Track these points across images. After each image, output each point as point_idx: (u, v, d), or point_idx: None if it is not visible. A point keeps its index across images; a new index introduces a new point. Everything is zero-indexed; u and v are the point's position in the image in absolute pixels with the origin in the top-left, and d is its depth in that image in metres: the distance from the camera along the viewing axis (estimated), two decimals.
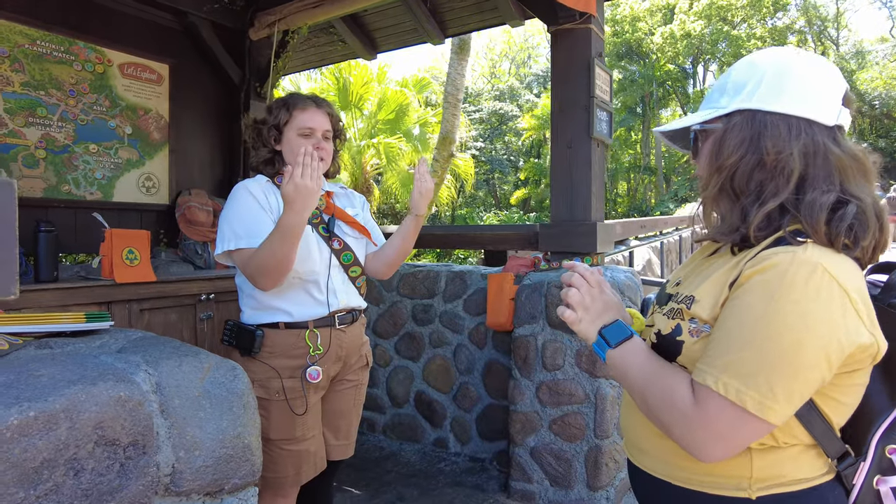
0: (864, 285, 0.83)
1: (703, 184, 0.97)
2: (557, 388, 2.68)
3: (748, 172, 0.89)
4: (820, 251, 0.81)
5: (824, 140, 0.87)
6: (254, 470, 1.11)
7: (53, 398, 0.83)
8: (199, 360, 1.10)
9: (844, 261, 0.82)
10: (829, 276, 0.78)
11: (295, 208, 1.45)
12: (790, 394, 0.78)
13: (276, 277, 1.58)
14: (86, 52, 3.19)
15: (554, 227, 2.99)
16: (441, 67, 28.36)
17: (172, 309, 2.92)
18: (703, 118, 0.95)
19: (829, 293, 0.77)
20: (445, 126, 10.11)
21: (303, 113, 1.76)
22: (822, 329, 0.77)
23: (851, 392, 0.86)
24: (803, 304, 0.77)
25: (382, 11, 4.23)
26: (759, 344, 0.78)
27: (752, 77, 0.91)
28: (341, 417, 1.86)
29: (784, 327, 0.77)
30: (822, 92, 0.88)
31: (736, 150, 0.90)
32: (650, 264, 7.65)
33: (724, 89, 0.95)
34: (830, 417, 0.86)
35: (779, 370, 0.77)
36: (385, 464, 3.21)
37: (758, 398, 0.78)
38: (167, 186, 3.58)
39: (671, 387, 0.86)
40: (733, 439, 0.81)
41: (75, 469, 0.84)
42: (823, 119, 0.87)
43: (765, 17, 26.13)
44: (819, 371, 0.78)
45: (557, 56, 2.99)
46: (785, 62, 0.90)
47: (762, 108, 0.88)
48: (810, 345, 0.76)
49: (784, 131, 0.87)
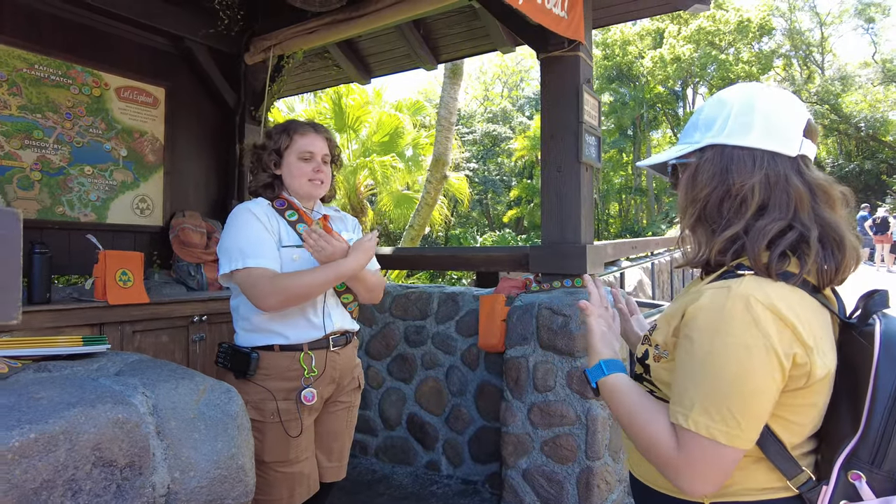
0: (803, 309, 0.87)
1: (681, 214, 1.03)
2: (549, 410, 2.69)
3: (717, 203, 0.96)
4: (754, 283, 0.87)
5: (786, 171, 0.93)
6: (247, 491, 1.13)
7: (53, 420, 0.85)
8: (195, 383, 1.12)
9: (779, 288, 0.87)
10: (762, 307, 0.84)
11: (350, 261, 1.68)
12: (750, 419, 0.84)
13: (294, 304, 1.65)
14: (83, 75, 3.24)
15: (544, 249, 3.03)
16: (435, 90, 28.68)
17: (165, 331, 2.92)
18: (679, 153, 1.03)
19: (764, 321, 0.84)
20: (438, 148, 10.20)
21: (303, 138, 1.80)
22: (762, 354, 0.83)
23: (801, 412, 0.90)
24: (742, 336, 0.84)
25: (377, 37, 4.32)
26: (712, 379, 0.86)
27: (721, 113, 0.98)
28: (334, 439, 1.87)
29: (730, 360, 0.84)
30: (785, 126, 0.94)
31: (708, 183, 0.97)
32: (641, 285, 7.69)
33: (696, 125, 1.02)
34: (781, 436, 0.90)
35: (735, 400, 0.84)
36: (377, 487, 3.20)
37: (725, 430, 0.84)
38: (161, 208, 3.60)
39: (655, 434, 0.92)
40: (717, 472, 0.87)
41: (73, 490, 0.85)
42: (786, 151, 0.94)
43: (751, 41, 26.69)
44: (770, 393, 0.85)
45: (547, 82, 3.06)
46: (750, 99, 0.96)
47: (730, 143, 0.96)
48: (756, 372, 0.83)
49: (749, 164, 0.94)
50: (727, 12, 26.04)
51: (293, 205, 1.81)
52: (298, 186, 1.80)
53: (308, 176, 1.79)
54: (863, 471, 0.85)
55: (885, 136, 23.94)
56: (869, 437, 0.84)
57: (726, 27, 25.84)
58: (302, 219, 1.78)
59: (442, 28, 4.21)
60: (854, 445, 0.85)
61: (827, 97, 24.88)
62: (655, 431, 0.92)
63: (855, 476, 0.85)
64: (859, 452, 0.85)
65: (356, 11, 3.28)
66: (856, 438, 0.86)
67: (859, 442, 0.85)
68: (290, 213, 1.78)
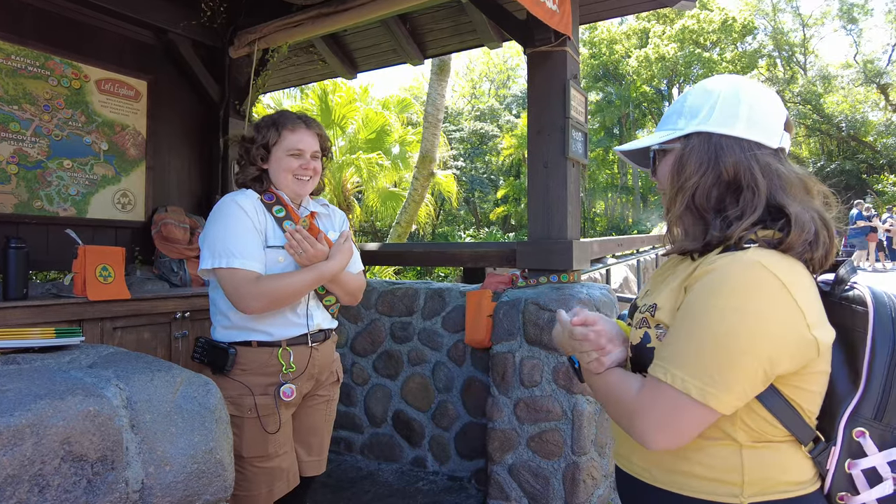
0: (808, 282, 0.89)
1: (666, 201, 1.02)
2: (535, 405, 2.69)
3: (707, 189, 0.97)
4: (761, 252, 0.88)
5: (772, 160, 0.95)
6: (225, 486, 1.10)
7: (19, 413, 0.82)
8: (172, 375, 1.09)
9: (787, 259, 0.89)
10: (767, 272, 0.85)
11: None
12: (730, 382, 0.84)
13: (276, 308, 1.64)
14: (62, 67, 3.17)
15: (531, 245, 3.02)
16: (422, 87, 28.62)
17: (146, 327, 2.87)
18: (662, 139, 1.02)
19: (767, 287, 0.84)
20: (425, 145, 10.17)
21: (292, 134, 1.75)
22: (755, 319, 0.83)
23: (812, 380, 0.90)
24: (737, 298, 0.84)
25: (362, 32, 4.29)
26: (699, 336, 0.86)
27: (707, 102, 0.99)
28: (313, 434, 1.85)
29: (720, 319, 0.84)
30: (769, 118, 0.97)
31: (697, 170, 0.97)
32: (627, 282, 7.73)
33: (680, 112, 1.02)
34: (798, 403, 0.90)
35: (718, 359, 0.84)
36: (363, 484, 3.17)
37: (700, 385, 0.84)
38: (143, 203, 3.54)
39: (625, 383, 0.95)
40: (677, 426, 0.87)
41: (40, 485, 0.82)
42: (769, 142, 0.96)
43: (735, 41, 26.93)
44: (756, 360, 0.83)
45: (534, 78, 3.05)
46: (736, 89, 0.98)
47: (717, 132, 0.96)
48: (744, 335, 0.83)
49: (738, 152, 0.95)
50: (711, 12, 26.25)
51: (282, 200, 1.77)
52: (286, 183, 1.77)
53: (296, 173, 1.76)
54: (866, 426, 0.87)
55: (866, 136, 24.29)
56: (871, 391, 0.87)
57: (710, 27, 26.05)
58: (290, 215, 1.75)
59: (428, 23, 4.18)
60: (857, 402, 0.88)
61: (809, 97, 25.17)
62: (629, 382, 0.94)
63: (859, 433, 0.87)
64: (862, 409, 0.87)
65: (341, 5, 3.24)
66: (858, 395, 0.88)
67: (862, 398, 0.87)
68: (278, 209, 1.75)
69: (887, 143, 23.32)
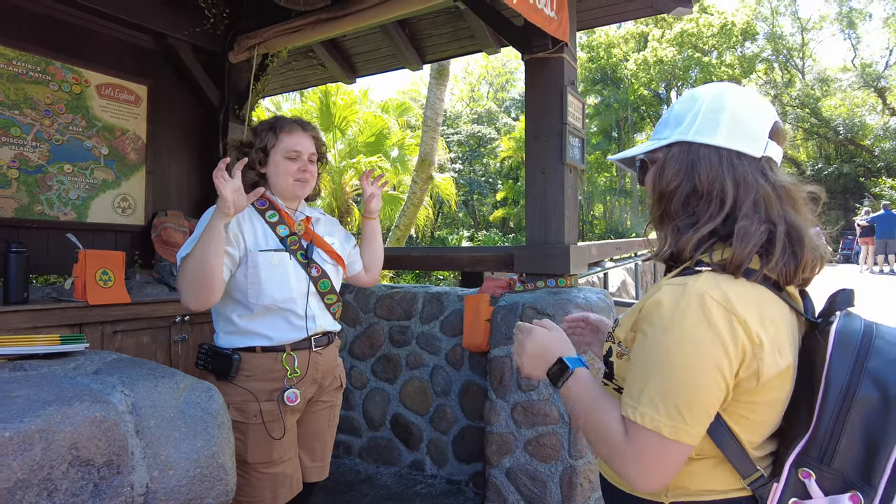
0: (761, 307, 0.87)
1: (649, 209, 1.04)
2: (532, 409, 2.71)
3: (683, 199, 0.97)
4: (711, 280, 0.88)
5: (752, 171, 0.94)
6: (227, 490, 1.12)
7: (29, 419, 0.84)
8: (175, 381, 1.11)
9: (738, 286, 0.88)
10: (716, 304, 0.85)
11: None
12: (697, 415, 0.85)
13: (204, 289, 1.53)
14: (62, 72, 3.19)
15: (529, 250, 3.05)
16: (421, 90, 28.68)
17: (146, 331, 2.89)
18: (647, 149, 1.04)
19: (716, 319, 0.84)
20: (424, 149, 10.20)
21: (289, 136, 1.78)
22: (711, 351, 0.83)
23: (758, 409, 0.89)
24: (692, 332, 0.84)
25: (362, 37, 4.31)
26: (661, 373, 0.86)
27: (691, 111, 0.99)
28: (317, 439, 1.87)
29: (679, 355, 0.85)
30: (751, 127, 0.95)
31: (674, 179, 0.97)
32: (625, 285, 7.76)
33: (668, 122, 1.03)
34: (739, 434, 0.90)
35: (682, 395, 0.84)
36: (361, 487, 3.19)
37: (670, 424, 0.85)
38: (143, 207, 3.56)
39: (606, 422, 0.92)
40: (663, 467, 0.87)
41: (49, 490, 0.84)
42: (751, 151, 0.95)
43: (734, 45, 27.03)
44: (718, 390, 0.85)
45: (531, 84, 3.08)
46: (719, 97, 0.97)
47: (697, 141, 0.96)
48: (704, 368, 0.83)
49: (715, 162, 0.94)
50: (711, 16, 26.33)
51: (275, 205, 1.79)
52: (284, 186, 1.79)
53: (294, 175, 1.78)
54: (813, 469, 0.84)
55: (863, 139, 24.38)
56: (818, 434, 0.84)
57: (709, 31, 26.14)
58: (283, 220, 1.77)
59: (427, 28, 4.21)
60: (805, 443, 0.85)
61: (807, 101, 25.26)
62: (608, 420, 0.92)
63: (805, 474, 0.84)
64: (810, 450, 0.84)
65: (341, 11, 3.27)
66: (807, 436, 0.85)
67: (809, 440, 0.84)
68: (271, 214, 1.76)
69: (885, 146, 23.42)
